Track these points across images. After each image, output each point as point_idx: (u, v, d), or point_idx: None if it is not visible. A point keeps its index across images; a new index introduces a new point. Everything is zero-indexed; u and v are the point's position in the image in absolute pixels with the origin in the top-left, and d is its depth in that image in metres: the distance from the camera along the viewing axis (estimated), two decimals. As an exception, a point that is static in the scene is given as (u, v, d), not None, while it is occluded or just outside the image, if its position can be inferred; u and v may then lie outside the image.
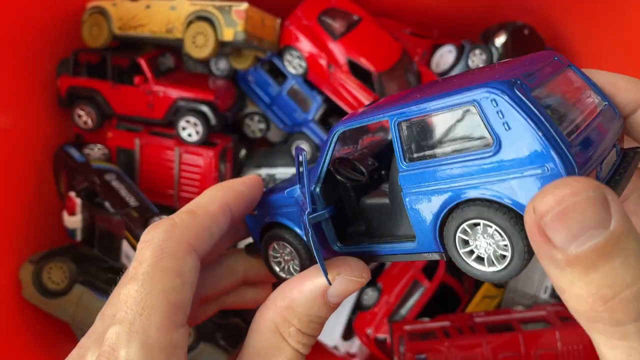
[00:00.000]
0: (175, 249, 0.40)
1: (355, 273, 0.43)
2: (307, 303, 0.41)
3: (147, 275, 0.39)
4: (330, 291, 0.42)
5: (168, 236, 0.41)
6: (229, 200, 0.46)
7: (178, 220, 0.43)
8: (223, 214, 0.45)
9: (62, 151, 1.14)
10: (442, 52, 1.31)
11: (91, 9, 1.17)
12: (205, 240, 0.43)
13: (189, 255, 0.41)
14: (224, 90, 1.20)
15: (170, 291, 0.39)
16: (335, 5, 1.22)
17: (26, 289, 1.03)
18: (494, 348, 0.98)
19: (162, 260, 0.40)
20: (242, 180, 0.49)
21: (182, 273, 0.40)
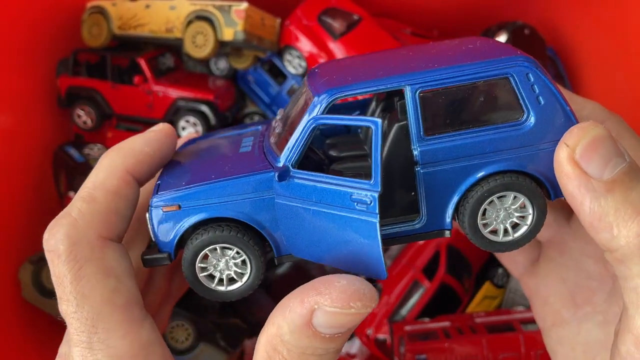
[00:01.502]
0: (89, 251, 0.35)
1: (339, 302, 0.33)
2: (293, 333, 0.33)
3: (77, 292, 0.35)
4: (315, 322, 0.33)
5: (72, 241, 0.36)
6: (130, 168, 0.39)
7: (77, 214, 0.37)
8: (127, 187, 0.39)
9: (62, 151, 1.14)
10: (442, 52, 1.31)
11: (91, 8, 1.17)
12: (116, 223, 0.38)
13: (107, 248, 0.36)
14: (224, 90, 1.20)
15: (111, 295, 0.35)
16: (336, 5, 1.22)
17: (25, 289, 1.03)
18: (494, 348, 0.98)
19: (82, 270, 0.35)
20: (145, 138, 0.41)
21: (110, 270, 0.36)
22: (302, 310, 0.33)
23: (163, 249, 0.43)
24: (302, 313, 0.33)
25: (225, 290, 0.43)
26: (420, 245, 1.22)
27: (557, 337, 0.47)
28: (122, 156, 0.39)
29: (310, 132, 0.42)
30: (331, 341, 0.34)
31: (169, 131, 0.43)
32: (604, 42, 1.15)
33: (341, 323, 0.33)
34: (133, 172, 0.39)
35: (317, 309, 0.33)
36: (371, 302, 0.34)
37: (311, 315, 0.33)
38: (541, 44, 1.21)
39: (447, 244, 1.20)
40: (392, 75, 0.42)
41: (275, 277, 1.15)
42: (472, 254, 1.23)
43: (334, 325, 0.33)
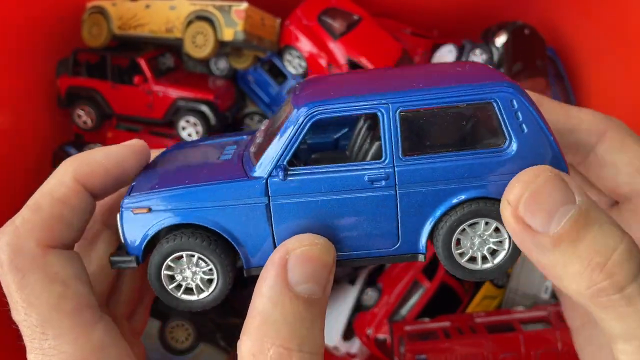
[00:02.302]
0: (30, 259, 0.35)
1: (304, 240, 0.35)
2: (276, 304, 0.33)
3: (23, 301, 0.34)
4: (290, 278, 0.33)
5: (14, 249, 0.35)
6: (81, 177, 0.39)
7: (20, 222, 0.36)
8: (76, 196, 0.38)
9: (62, 151, 1.14)
10: (442, 51, 1.31)
11: (91, 8, 1.17)
12: (60, 231, 0.37)
13: (50, 256, 0.36)
14: (224, 90, 1.20)
15: (58, 302, 0.34)
16: (336, 5, 1.22)
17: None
18: (494, 348, 0.98)
19: (24, 278, 0.34)
20: (107, 151, 0.40)
21: (55, 276, 0.35)
22: (275, 270, 0.34)
23: (131, 252, 0.42)
24: (276, 272, 0.33)
25: (190, 299, 0.42)
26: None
27: (586, 337, 0.46)
28: (76, 166, 0.39)
29: (305, 127, 0.42)
30: (311, 305, 0.34)
31: (138, 148, 0.42)
32: (603, 42, 1.15)
33: (313, 271, 0.34)
34: (84, 182, 0.39)
35: (289, 257, 0.34)
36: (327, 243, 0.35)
37: (285, 270, 0.33)
38: (541, 44, 1.22)
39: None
40: (373, 93, 0.42)
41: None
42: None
43: (307, 276, 0.34)
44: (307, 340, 0.33)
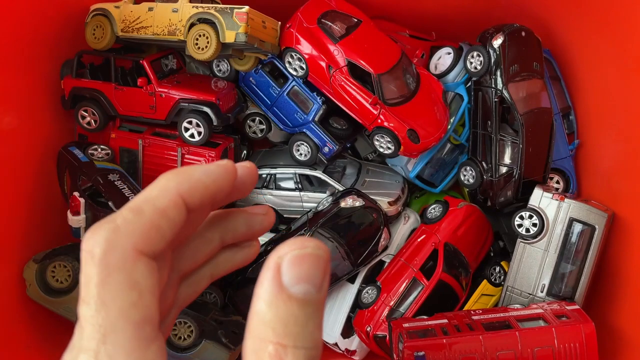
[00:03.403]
0: (121, 260, 0.36)
1: (295, 245, 0.35)
2: (270, 305, 0.34)
3: (98, 297, 0.35)
4: (284, 280, 0.34)
5: (110, 246, 0.36)
6: (183, 192, 0.40)
7: (121, 222, 0.38)
8: (175, 208, 0.39)
9: (66, 151, 1.16)
10: (440, 53, 1.33)
11: (94, 11, 1.18)
12: (155, 240, 0.38)
13: (139, 262, 0.37)
14: (226, 92, 1.22)
15: (129, 309, 0.35)
16: (335, 8, 1.24)
17: (30, 287, 1.04)
18: (491, 345, 0.99)
19: (109, 276, 0.36)
20: (205, 169, 0.42)
21: (136, 284, 0.36)
22: (269, 273, 0.35)
23: None
24: (271, 275, 0.35)
25: None
26: (417, 243, 1.24)
27: None
28: (179, 180, 0.40)
29: None
30: (306, 305, 0.35)
31: (231, 168, 0.44)
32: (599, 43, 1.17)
33: (306, 272, 0.35)
34: (185, 197, 0.40)
35: (282, 262, 0.35)
36: (320, 246, 0.36)
37: (279, 273, 0.34)
38: (538, 46, 1.23)
39: (444, 242, 1.22)
40: None
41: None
42: (469, 253, 1.25)
43: (300, 276, 0.35)
44: (301, 337, 0.34)
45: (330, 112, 1.27)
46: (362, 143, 1.42)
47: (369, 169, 1.36)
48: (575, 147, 1.31)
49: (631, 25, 1.05)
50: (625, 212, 1.11)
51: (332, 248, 1.19)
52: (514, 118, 1.21)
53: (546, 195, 1.15)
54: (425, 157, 1.31)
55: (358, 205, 1.21)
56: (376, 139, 1.22)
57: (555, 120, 1.24)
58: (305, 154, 1.27)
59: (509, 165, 1.22)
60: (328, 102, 1.24)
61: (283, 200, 1.30)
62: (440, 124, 1.24)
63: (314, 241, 0.37)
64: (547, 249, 1.14)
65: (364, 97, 1.19)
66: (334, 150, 1.25)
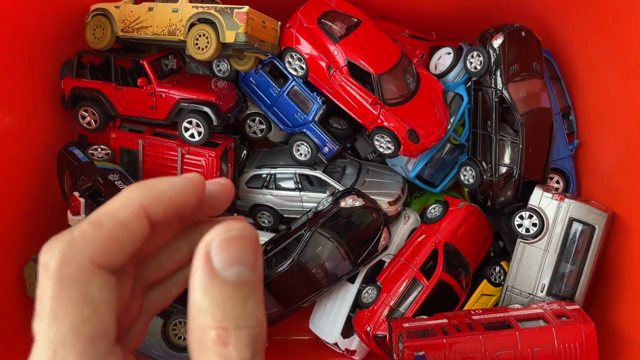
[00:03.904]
0: (76, 274, 0.35)
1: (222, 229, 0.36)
2: (205, 292, 0.34)
3: (51, 311, 0.34)
4: (216, 265, 0.35)
5: (66, 259, 0.36)
6: (145, 204, 0.39)
7: (78, 234, 0.37)
8: (136, 220, 0.38)
9: (66, 151, 1.16)
10: (440, 53, 1.33)
11: (94, 11, 1.18)
12: (114, 253, 0.37)
13: (95, 275, 0.36)
14: (226, 92, 1.22)
15: (80, 324, 0.34)
16: (335, 8, 1.24)
17: (30, 287, 1.05)
18: (491, 345, 0.99)
19: (62, 290, 0.35)
20: (171, 182, 0.41)
21: (90, 299, 0.35)
22: (200, 262, 0.35)
23: None
24: (202, 263, 0.35)
25: None
26: (417, 243, 1.24)
27: None
28: (142, 192, 0.39)
29: None
30: (242, 286, 0.36)
31: (198, 181, 0.43)
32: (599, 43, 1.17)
33: (235, 254, 0.35)
34: (147, 210, 0.39)
35: (210, 248, 0.35)
36: (245, 226, 0.36)
37: (210, 260, 0.35)
38: (538, 46, 1.23)
39: (444, 242, 1.22)
40: None
41: (276, 275, 1.17)
42: (469, 253, 1.25)
43: (230, 259, 0.35)
44: (242, 318, 0.35)
45: (330, 112, 1.27)
46: (362, 143, 1.42)
47: (369, 169, 1.36)
48: (575, 147, 1.31)
49: (631, 25, 1.05)
50: (625, 212, 1.11)
51: (332, 248, 1.19)
52: (514, 118, 1.21)
53: (546, 195, 1.15)
54: (425, 157, 1.31)
55: (358, 205, 1.21)
56: (376, 139, 1.22)
57: (555, 120, 1.24)
58: (305, 154, 1.27)
59: (508, 165, 1.22)
60: (328, 102, 1.24)
61: (283, 200, 1.30)
62: (440, 124, 1.24)
63: (239, 223, 0.37)
64: (547, 248, 1.14)
65: (364, 97, 1.19)
66: (334, 150, 1.25)
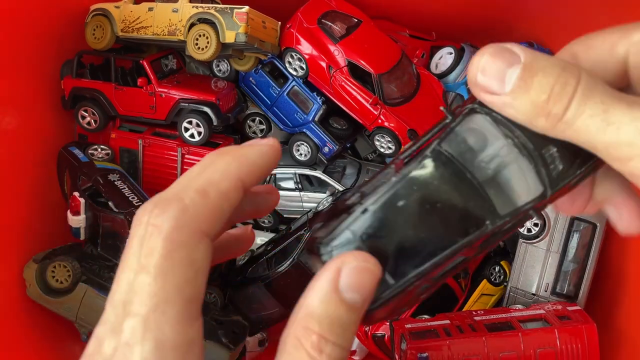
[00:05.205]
0: (187, 239, 0.38)
1: (360, 258, 0.39)
2: (322, 302, 0.37)
3: (160, 268, 0.37)
4: (341, 284, 0.37)
5: (179, 224, 0.38)
6: (243, 175, 0.41)
7: (189, 203, 0.39)
8: (236, 191, 0.41)
9: (66, 151, 1.16)
10: (442, 53, 1.33)
11: (94, 11, 1.19)
12: (217, 223, 0.40)
13: (202, 243, 0.39)
14: (226, 92, 1.22)
15: (184, 284, 0.37)
16: (336, 8, 1.24)
17: (30, 288, 1.04)
18: (494, 347, 0.99)
19: (174, 251, 0.37)
20: (260, 151, 0.43)
21: (194, 263, 0.38)
22: (329, 275, 0.37)
23: None
24: (330, 277, 0.37)
25: None
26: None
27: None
28: (238, 163, 0.42)
29: None
30: (352, 311, 0.38)
31: (278, 148, 0.45)
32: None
33: (361, 282, 0.38)
34: (244, 180, 0.41)
35: (343, 268, 0.38)
36: (378, 265, 0.39)
37: (338, 276, 0.37)
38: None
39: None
40: None
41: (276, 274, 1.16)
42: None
43: (355, 286, 0.38)
44: (342, 337, 0.37)
45: (330, 112, 1.27)
46: (362, 143, 1.42)
47: (369, 169, 1.36)
48: (576, 147, 1.30)
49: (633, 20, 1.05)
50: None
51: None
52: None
53: (547, 194, 1.14)
54: (426, 157, 1.31)
55: (358, 206, 1.21)
56: (376, 139, 1.22)
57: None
58: (305, 154, 1.27)
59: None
60: (328, 102, 1.24)
61: (283, 200, 1.30)
62: (441, 124, 1.24)
63: (374, 259, 0.40)
64: (549, 248, 1.13)
65: (364, 97, 1.19)
66: (334, 150, 1.25)
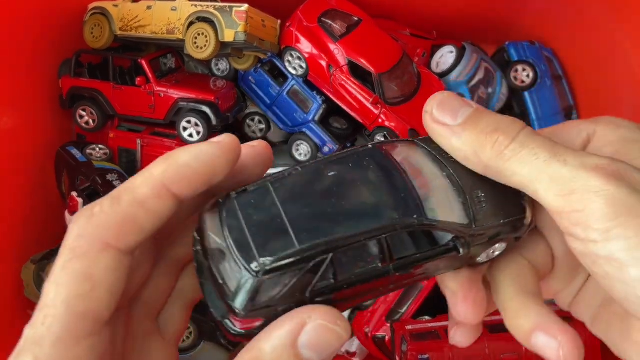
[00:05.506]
0: (86, 248, 0.35)
1: (329, 318, 0.35)
2: (274, 352, 0.34)
3: (56, 279, 0.34)
4: (301, 340, 0.34)
5: (81, 232, 0.36)
6: (167, 179, 0.37)
7: (97, 210, 0.36)
8: (157, 198, 0.36)
9: (64, 151, 1.15)
10: (443, 52, 1.32)
11: (92, 9, 1.18)
12: (129, 234, 0.36)
13: (104, 254, 0.35)
14: (225, 91, 1.21)
15: (74, 299, 0.34)
16: (336, 7, 1.23)
17: (28, 289, 1.04)
18: (495, 348, 0.98)
19: (70, 261, 0.35)
20: (196, 152, 0.38)
21: (92, 276, 0.35)
22: (291, 326, 0.34)
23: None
24: (292, 328, 0.34)
25: None
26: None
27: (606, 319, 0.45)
28: (164, 166, 0.37)
29: None
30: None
31: (228, 145, 0.39)
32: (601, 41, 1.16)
33: (324, 344, 0.35)
34: (170, 186, 0.37)
35: (308, 323, 0.34)
36: (348, 329, 0.36)
37: (300, 331, 0.34)
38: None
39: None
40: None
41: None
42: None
43: (317, 345, 0.34)
44: None
45: (330, 111, 1.26)
46: (362, 143, 1.41)
47: (369, 169, 1.35)
48: (577, 146, 1.29)
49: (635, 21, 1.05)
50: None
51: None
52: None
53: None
54: (427, 157, 1.30)
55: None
56: (377, 139, 1.21)
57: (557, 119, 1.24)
58: (305, 154, 1.26)
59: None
60: (328, 102, 1.23)
61: (283, 200, 1.29)
62: (441, 124, 1.23)
63: (345, 322, 0.36)
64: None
65: (364, 96, 1.18)
66: (333, 150, 1.24)
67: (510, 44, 1.31)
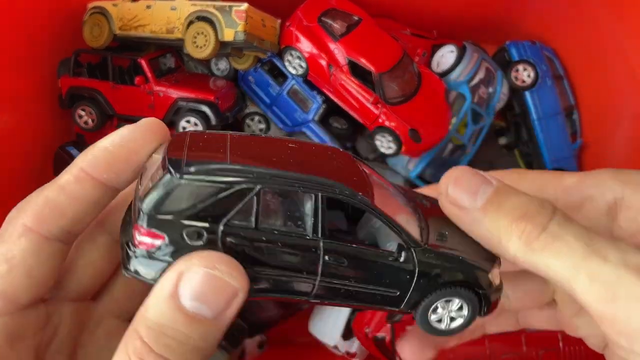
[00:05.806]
0: (9, 234, 0.36)
1: (207, 263, 0.32)
2: (156, 306, 0.32)
3: None
4: (182, 290, 0.31)
5: (9, 218, 0.37)
6: (85, 164, 0.37)
7: (25, 200, 0.38)
8: (77, 183, 0.37)
9: (63, 151, 1.15)
10: (443, 51, 1.32)
11: (92, 9, 1.17)
12: (50, 217, 0.36)
13: (23, 238, 0.36)
14: (225, 91, 1.20)
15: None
16: (336, 6, 1.23)
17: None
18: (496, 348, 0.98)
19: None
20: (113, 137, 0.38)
21: (10, 258, 0.36)
22: (171, 275, 0.32)
23: None
24: (171, 277, 0.32)
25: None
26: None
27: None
28: (84, 154, 0.38)
29: None
30: (193, 324, 0.32)
31: (149, 126, 0.39)
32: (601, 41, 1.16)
33: (208, 293, 0.32)
34: (88, 170, 0.37)
35: (186, 270, 0.32)
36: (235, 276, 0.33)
37: (179, 280, 0.32)
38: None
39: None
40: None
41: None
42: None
43: (201, 295, 0.32)
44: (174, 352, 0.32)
45: (330, 111, 1.25)
46: (362, 143, 1.41)
47: (369, 169, 1.35)
48: (578, 146, 1.29)
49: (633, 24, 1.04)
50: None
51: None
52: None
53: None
54: (427, 157, 1.30)
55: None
56: (377, 139, 1.21)
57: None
58: (305, 154, 1.26)
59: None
60: (328, 102, 1.23)
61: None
62: (442, 124, 1.22)
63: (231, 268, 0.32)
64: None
65: (364, 96, 1.18)
66: (334, 150, 1.24)
67: (511, 43, 1.31)
